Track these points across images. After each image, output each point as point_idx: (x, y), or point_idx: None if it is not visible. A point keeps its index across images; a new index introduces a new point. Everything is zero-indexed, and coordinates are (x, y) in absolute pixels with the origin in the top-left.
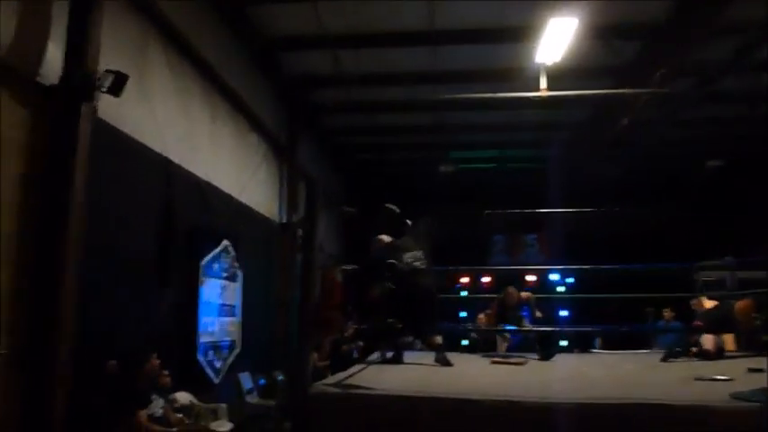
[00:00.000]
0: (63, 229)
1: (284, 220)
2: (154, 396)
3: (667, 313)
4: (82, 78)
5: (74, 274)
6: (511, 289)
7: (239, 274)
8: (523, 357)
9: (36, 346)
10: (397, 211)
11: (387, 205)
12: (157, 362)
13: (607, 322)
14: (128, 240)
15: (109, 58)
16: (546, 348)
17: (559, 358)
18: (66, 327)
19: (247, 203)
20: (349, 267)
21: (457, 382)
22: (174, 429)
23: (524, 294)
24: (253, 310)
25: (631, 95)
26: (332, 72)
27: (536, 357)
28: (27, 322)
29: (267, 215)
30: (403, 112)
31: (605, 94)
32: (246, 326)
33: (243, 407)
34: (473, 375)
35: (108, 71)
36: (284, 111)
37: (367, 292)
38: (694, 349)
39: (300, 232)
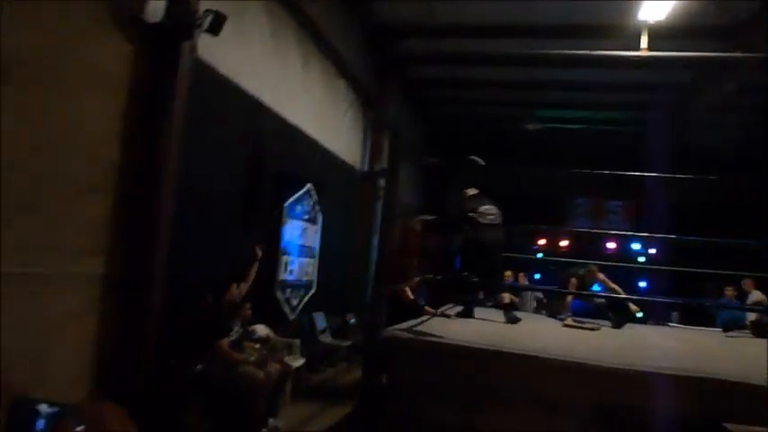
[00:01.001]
0: (161, 160)
1: (366, 169)
2: (236, 326)
3: (729, 291)
4: (183, 17)
5: (169, 207)
6: (594, 269)
7: (320, 217)
8: (595, 323)
9: (132, 270)
10: (482, 163)
11: (471, 157)
12: (236, 292)
13: (687, 296)
14: (218, 177)
15: (208, 1)
16: (618, 316)
17: (633, 328)
18: (160, 255)
19: (332, 149)
20: (429, 218)
21: (527, 340)
22: (252, 358)
23: (601, 276)
24: (330, 254)
25: (742, 59)
26: (424, 21)
27: (608, 325)
28: (124, 248)
29: (350, 162)
30: (492, 66)
31: (714, 57)
32: (323, 268)
33: (316, 344)
34: (544, 336)
35: (207, 11)
36: (373, 59)
37: (445, 243)
38: None
39: (381, 181)
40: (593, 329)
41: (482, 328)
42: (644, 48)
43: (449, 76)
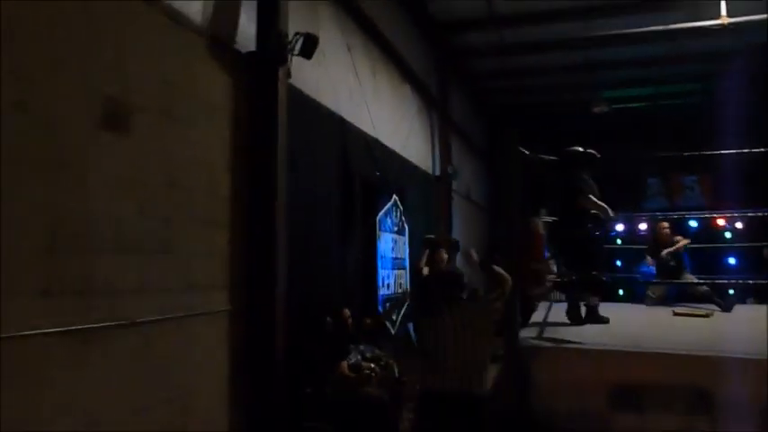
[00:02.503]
0: (272, 192)
1: (437, 172)
2: (352, 347)
3: None
4: (277, 43)
5: (284, 234)
6: (663, 224)
7: (406, 227)
8: (705, 308)
9: (255, 301)
10: (598, 156)
11: (589, 150)
12: (348, 314)
13: None
14: (317, 199)
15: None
16: (727, 299)
17: (741, 309)
18: (280, 283)
19: (406, 156)
20: (547, 219)
21: (661, 336)
22: (371, 379)
23: (678, 238)
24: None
25: None
26: (481, 14)
27: (715, 309)
28: (246, 279)
29: (423, 167)
30: (552, 52)
31: None
32: (413, 278)
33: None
34: (667, 329)
35: (297, 34)
36: (433, 58)
37: (572, 242)
38: None
39: (454, 183)
40: (706, 316)
41: (601, 330)
42: (724, 15)
43: (508, 66)
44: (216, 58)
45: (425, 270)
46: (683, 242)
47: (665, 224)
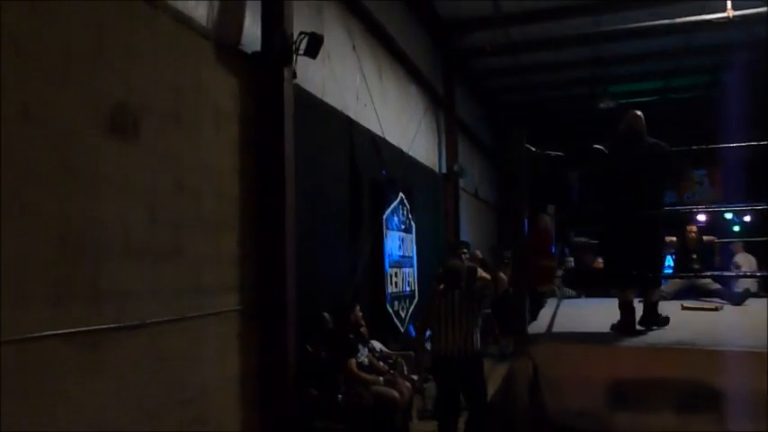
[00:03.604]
0: (281, 193)
1: (443, 170)
2: (360, 346)
3: None
4: (282, 43)
5: (293, 236)
6: (693, 228)
7: (413, 225)
8: (715, 302)
9: (266, 302)
10: (606, 151)
11: (596, 146)
12: (360, 313)
13: None
14: (325, 199)
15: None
16: (738, 293)
17: (751, 303)
18: (289, 284)
19: (413, 155)
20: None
21: (680, 331)
22: (381, 378)
23: (707, 238)
24: (424, 260)
25: None
26: (486, 12)
27: (725, 303)
28: (256, 281)
29: (430, 165)
30: (558, 48)
31: None
32: (421, 276)
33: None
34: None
35: (302, 33)
36: (439, 58)
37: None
38: None
39: (461, 181)
40: (715, 309)
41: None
42: (729, 8)
43: (514, 64)
44: (222, 60)
45: None
46: (714, 240)
47: (694, 228)
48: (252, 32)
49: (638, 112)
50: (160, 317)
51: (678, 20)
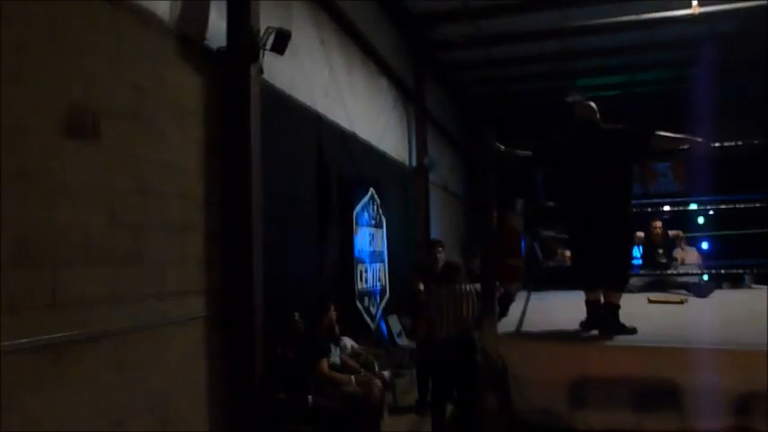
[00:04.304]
0: (247, 194)
1: (413, 164)
2: (331, 345)
3: None
4: (248, 39)
5: (260, 237)
6: (658, 224)
7: (383, 220)
8: (681, 295)
9: (233, 307)
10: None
11: (582, 103)
12: (335, 314)
13: (754, 254)
14: (293, 196)
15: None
16: (703, 285)
17: (717, 296)
18: (257, 287)
19: (382, 149)
20: (518, 212)
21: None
22: (353, 377)
23: (673, 233)
24: (395, 255)
25: None
26: (456, 6)
27: (691, 295)
28: (222, 284)
29: (400, 159)
30: (527, 42)
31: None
32: (392, 271)
33: (395, 349)
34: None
35: (269, 29)
36: (408, 51)
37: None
38: None
39: (431, 175)
40: (680, 302)
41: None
42: (695, 5)
43: (483, 57)
44: (186, 57)
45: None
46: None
47: (659, 224)
48: (217, 28)
49: (589, 102)
50: (123, 324)
51: (644, 16)
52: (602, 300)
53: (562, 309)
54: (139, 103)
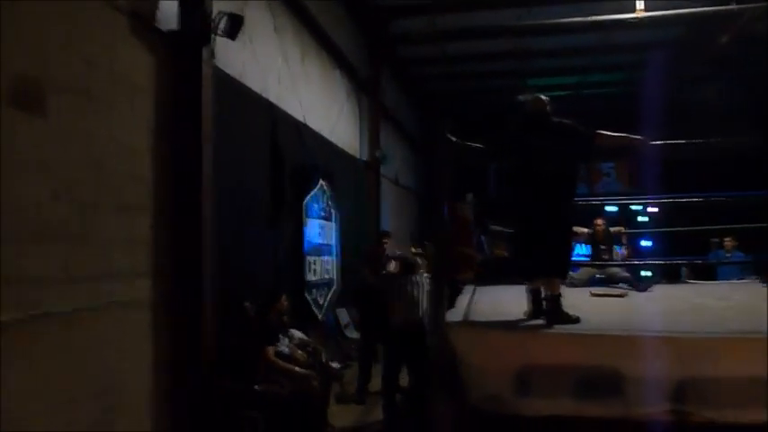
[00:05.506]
0: (197, 176)
1: (366, 157)
2: (280, 335)
3: (729, 242)
4: (200, 22)
5: (209, 221)
6: (600, 221)
7: (334, 213)
8: (621, 289)
9: (182, 290)
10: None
11: (535, 96)
12: (286, 303)
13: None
14: (244, 184)
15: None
16: (643, 280)
17: (656, 290)
18: (206, 271)
19: (334, 141)
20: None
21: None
22: (297, 367)
23: (614, 229)
24: (345, 247)
25: (737, 10)
26: (413, 0)
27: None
28: (171, 267)
29: (351, 152)
30: (484, 39)
31: (711, 11)
32: (342, 264)
33: (344, 341)
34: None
35: (221, 13)
36: (365, 44)
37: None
38: None
39: (383, 168)
40: (621, 296)
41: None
42: (640, 9)
43: (439, 54)
44: (137, 35)
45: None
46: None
47: (601, 221)
48: (169, 10)
49: (541, 96)
50: (69, 304)
51: (592, 18)
52: (544, 289)
53: (507, 301)
54: (89, 79)
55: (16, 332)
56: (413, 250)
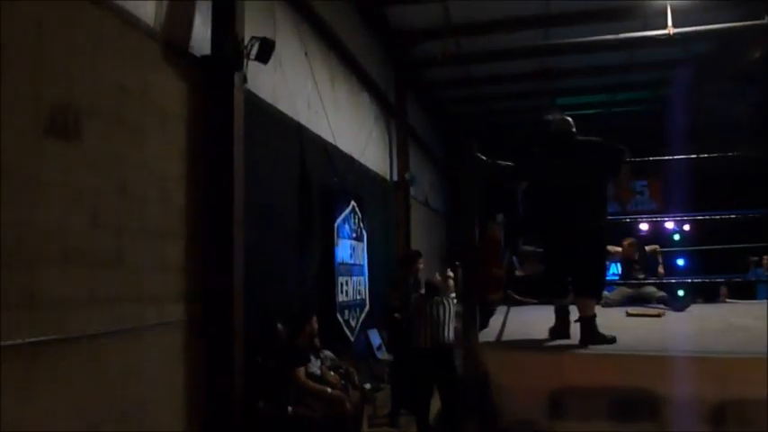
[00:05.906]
0: (229, 200)
1: (395, 178)
2: (312, 356)
3: (767, 259)
4: (233, 47)
5: (241, 245)
6: (630, 241)
7: (364, 233)
8: (658, 308)
9: (213, 314)
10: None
11: (560, 116)
12: (317, 324)
13: (729, 271)
14: (275, 206)
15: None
16: (679, 300)
17: (695, 310)
18: (237, 295)
19: (364, 163)
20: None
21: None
22: (329, 389)
23: (650, 248)
24: (375, 268)
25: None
26: (438, 23)
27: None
28: (202, 291)
29: (381, 174)
30: (508, 60)
31: (741, 26)
32: (372, 284)
33: (375, 362)
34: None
35: (254, 38)
36: (391, 67)
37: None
38: None
39: (412, 189)
40: (657, 316)
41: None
42: (670, 26)
43: (465, 75)
44: (170, 62)
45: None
46: (657, 248)
47: (629, 239)
48: (201, 35)
49: (566, 116)
50: (101, 327)
51: (621, 36)
52: (578, 311)
53: (540, 321)
54: (122, 106)
55: (50, 353)
56: (449, 273)
